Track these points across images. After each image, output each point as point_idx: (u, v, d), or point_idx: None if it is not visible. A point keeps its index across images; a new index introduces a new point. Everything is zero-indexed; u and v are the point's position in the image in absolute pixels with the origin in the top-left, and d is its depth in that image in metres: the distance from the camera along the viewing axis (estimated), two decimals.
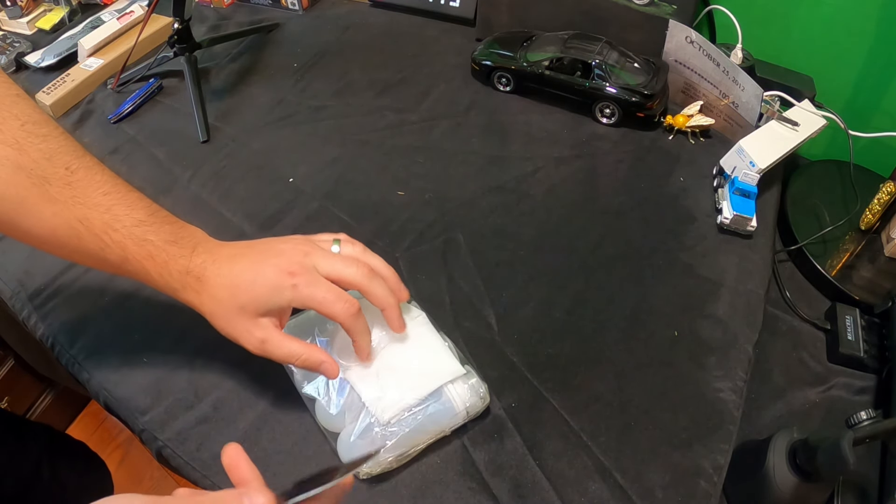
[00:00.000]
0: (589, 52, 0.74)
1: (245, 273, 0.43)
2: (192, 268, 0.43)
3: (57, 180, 0.39)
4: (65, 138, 0.41)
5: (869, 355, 0.58)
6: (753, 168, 0.64)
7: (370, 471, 0.45)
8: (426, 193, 0.69)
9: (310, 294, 0.42)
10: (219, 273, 0.43)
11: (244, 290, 0.42)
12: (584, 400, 0.52)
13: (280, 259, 0.43)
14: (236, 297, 0.42)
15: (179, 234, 0.43)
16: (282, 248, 0.44)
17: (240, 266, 0.43)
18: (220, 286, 0.43)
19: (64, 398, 1.26)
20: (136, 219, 0.42)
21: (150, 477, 1.25)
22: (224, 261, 0.43)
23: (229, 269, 0.43)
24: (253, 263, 0.43)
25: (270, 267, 0.43)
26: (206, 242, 0.45)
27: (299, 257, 0.43)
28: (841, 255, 0.67)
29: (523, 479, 0.47)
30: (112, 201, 0.41)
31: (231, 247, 0.45)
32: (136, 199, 0.43)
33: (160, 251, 0.42)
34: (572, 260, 0.62)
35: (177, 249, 0.43)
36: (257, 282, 0.42)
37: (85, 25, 0.95)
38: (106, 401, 0.54)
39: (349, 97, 0.82)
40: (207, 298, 0.43)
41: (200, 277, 0.43)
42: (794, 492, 0.43)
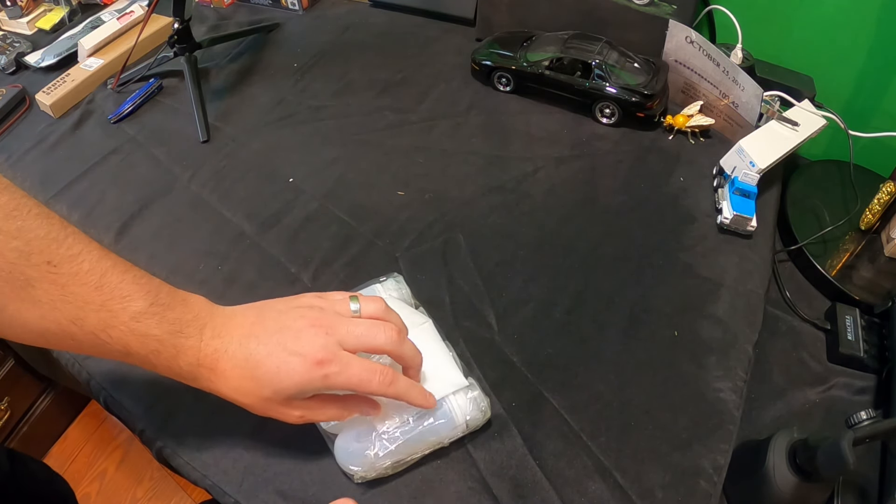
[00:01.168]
0: (589, 52, 0.74)
1: (265, 363, 0.39)
2: (202, 359, 0.39)
3: (39, 280, 0.34)
4: (40, 223, 0.35)
5: (869, 355, 0.58)
6: (753, 168, 0.64)
7: (365, 475, 0.45)
8: (426, 193, 0.69)
9: (344, 381, 0.39)
10: (234, 364, 0.39)
11: (268, 383, 0.39)
12: (584, 400, 0.52)
13: (301, 345, 0.39)
14: (261, 390, 0.39)
15: (183, 318, 0.39)
16: (299, 328, 0.39)
17: (256, 354, 0.39)
18: (239, 377, 0.39)
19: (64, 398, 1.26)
20: (134, 312, 0.37)
21: (150, 477, 1.25)
22: (237, 346, 0.39)
23: (245, 357, 0.39)
24: (270, 351, 0.39)
25: (294, 357, 0.38)
26: (213, 321, 0.40)
27: (322, 339, 0.39)
28: (841, 255, 0.67)
29: (523, 479, 0.47)
30: (105, 296, 0.36)
31: (241, 322, 0.41)
32: (132, 287, 0.37)
33: (165, 346, 0.38)
34: (572, 260, 0.62)
35: (183, 340, 0.38)
36: (281, 375, 0.38)
37: (85, 25, 0.95)
38: (106, 401, 0.54)
39: (349, 97, 0.82)
40: (227, 389, 0.40)
41: (214, 369, 0.39)
42: (794, 492, 0.43)
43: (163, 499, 1.22)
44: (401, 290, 0.55)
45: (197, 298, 0.41)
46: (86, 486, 1.24)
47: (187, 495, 1.22)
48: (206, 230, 0.66)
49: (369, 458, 0.44)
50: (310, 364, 0.38)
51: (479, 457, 0.48)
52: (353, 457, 0.45)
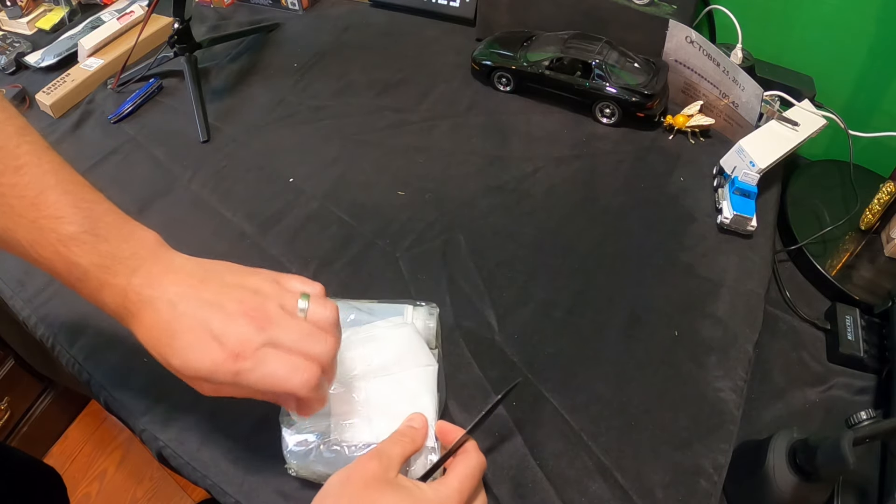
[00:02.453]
0: (589, 52, 0.74)
1: (182, 335, 0.35)
2: (127, 302, 0.36)
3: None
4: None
5: (869, 355, 0.58)
6: (753, 168, 0.64)
7: (298, 471, 0.44)
8: (426, 193, 0.69)
9: (256, 380, 0.35)
10: (155, 321, 0.36)
11: (178, 356, 0.35)
12: (584, 400, 0.52)
13: (225, 331, 0.35)
14: (170, 358, 0.36)
15: (116, 254, 0.36)
16: (232, 312, 0.36)
17: (179, 322, 0.35)
18: (156, 337, 0.36)
19: (64, 398, 1.26)
20: (63, 235, 0.34)
21: (150, 477, 1.25)
22: (165, 304, 0.36)
23: (168, 319, 0.35)
24: (193, 325, 0.35)
25: (212, 342, 0.35)
26: (150, 266, 0.36)
27: (249, 332, 0.35)
28: (841, 255, 0.67)
29: (523, 479, 0.47)
30: (39, 213, 0.34)
31: (180, 279, 0.37)
32: (69, 209, 0.35)
33: (89, 278, 0.35)
34: (572, 260, 0.62)
35: (109, 277, 0.35)
36: (194, 353, 0.35)
37: (85, 25, 0.95)
38: (106, 401, 0.54)
39: (349, 97, 0.82)
40: (143, 339, 0.37)
41: (136, 315, 0.36)
42: (794, 492, 0.43)
43: (163, 499, 1.22)
44: (428, 324, 0.51)
45: (144, 235, 0.38)
46: (86, 486, 1.24)
47: (187, 495, 1.22)
48: (206, 230, 0.66)
49: (307, 460, 0.43)
50: (225, 354, 0.35)
51: None
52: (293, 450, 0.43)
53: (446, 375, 0.53)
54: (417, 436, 0.42)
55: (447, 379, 0.53)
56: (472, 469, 0.40)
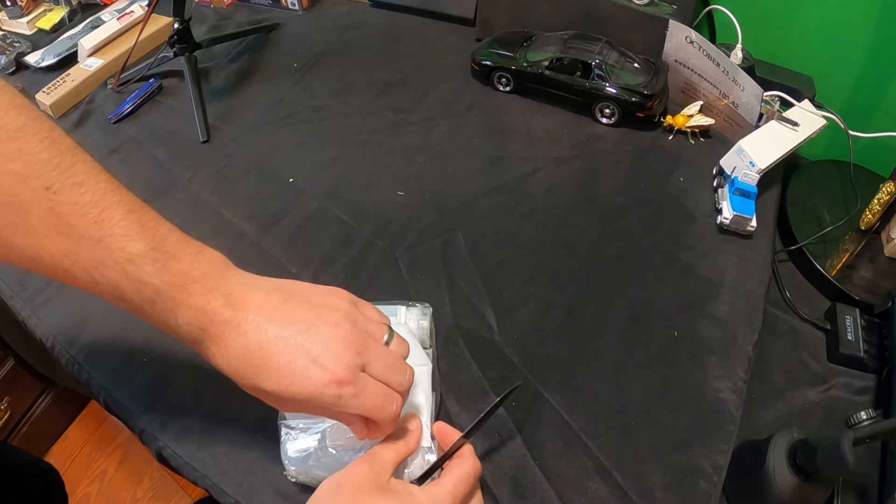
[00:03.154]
0: (589, 52, 0.74)
1: (279, 359, 0.34)
2: (206, 324, 0.35)
3: (35, 206, 0.32)
4: (44, 147, 0.32)
5: (869, 355, 0.58)
6: (753, 168, 0.64)
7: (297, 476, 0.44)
8: (426, 193, 0.69)
9: (357, 405, 0.36)
10: (243, 344, 0.35)
11: (275, 380, 0.35)
12: (584, 400, 0.52)
13: (327, 357, 0.35)
14: (263, 382, 0.35)
15: (190, 273, 0.35)
16: (329, 337, 0.35)
17: (273, 345, 0.35)
18: (244, 361, 0.35)
19: (64, 398, 1.26)
20: (131, 253, 0.33)
21: (150, 477, 1.25)
22: (253, 327, 0.35)
23: (259, 343, 0.34)
24: (290, 349, 0.35)
25: (314, 367, 0.34)
26: (226, 285, 0.36)
27: (349, 357, 0.35)
28: (841, 255, 0.67)
29: (523, 479, 0.47)
30: (103, 232, 0.33)
31: (262, 300, 0.36)
32: (135, 227, 0.34)
33: (162, 298, 0.34)
34: (572, 260, 0.62)
35: (184, 297, 0.34)
36: (294, 378, 0.34)
37: (85, 25, 0.95)
38: (106, 401, 0.54)
39: (349, 97, 0.82)
40: (224, 364, 0.36)
41: (218, 340, 0.35)
42: (794, 492, 0.43)
43: (163, 499, 1.22)
44: (421, 323, 0.51)
45: (213, 255, 0.37)
46: (86, 486, 1.24)
47: (187, 495, 1.22)
48: (206, 230, 0.66)
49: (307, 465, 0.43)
50: (328, 380, 0.35)
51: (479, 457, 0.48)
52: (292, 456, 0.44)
53: (445, 375, 0.53)
54: (411, 438, 0.42)
55: (446, 379, 0.53)
56: (467, 473, 0.40)
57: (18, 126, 0.32)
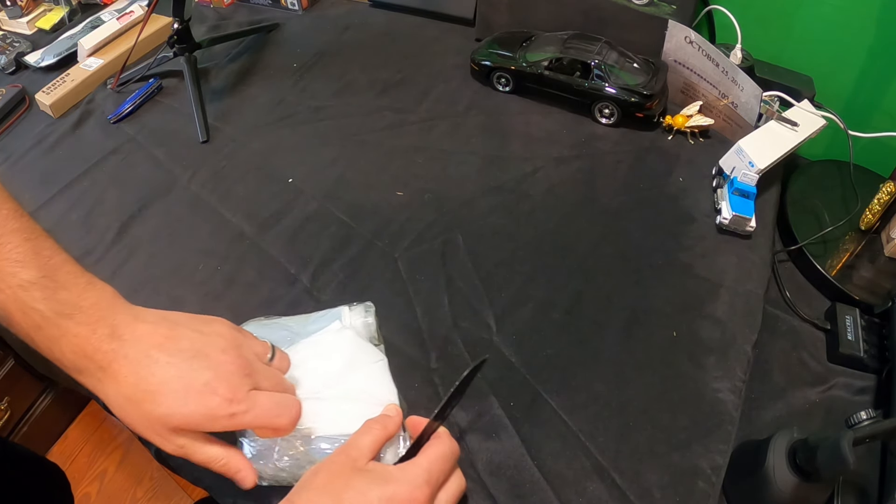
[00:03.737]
0: (588, 52, 0.74)
1: (170, 384, 0.36)
2: (92, 353, 0.36)
3: None
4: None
5: (869, 355, 0.57)
6: (753, 168, 0.64)
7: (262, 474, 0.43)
8: (426, 193, 0.69)
9: (251, 420, 0.38)
10: (132, 371, 0.36)
11: (167, 405, 0.36)
12: (583, 400, 0.52)
13: (217, 379, 0.37)
14: (155, 408, 0.36)
15: (77, 303, 0.36)
16: (219, 362, 0.38)
17: (164, 372, 0.36)
18: (134, 388, 0.36)
19: (64, 398, 1.26)
20: (23, 280, 0.35)
21: (150, 477, 1.25)
22: (142, 356, 0.36)
23: (148, 370, 0.36)
24: (181, 374, 0.36)
25: (205, 389, 0.36)
26: (113, 317, 0.37)
27: (240, 380, 0.38)
28: (841, 255, 0.66)
29: (521, 479, 0.47)
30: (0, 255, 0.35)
31: (149, 331, 0.38)
32: (29, 256, 0.35)
33: (49, 324, 0.35)
34: (572, 260, 0.62)
35: (70, 326, 0.35)
36: (188, 401, 0.36)
37: (85, 25, 0.95)
38: None
39: (349, 97, 0.82)
40: (114, 394, 0.37)
41: (106, 369, 0.36)
42: (794, 492, 0.43)
43: (163, 499, 1.22)
44: (367, 321, 0.52)
45: (103, 287, 0.38)
46: (86, 486, 1.24)
47: (187, 495, 1.22)
48: (205, 230, 0.66)
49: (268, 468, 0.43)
50: (220, 400, 0.36)
51: (477, 457, 0.48)
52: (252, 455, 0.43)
53: (444, 376, 0.53)
54: (390, 423, 0.42)
55: (444, 379, 0.53)
56: (443, 452, 0.40)
57: None
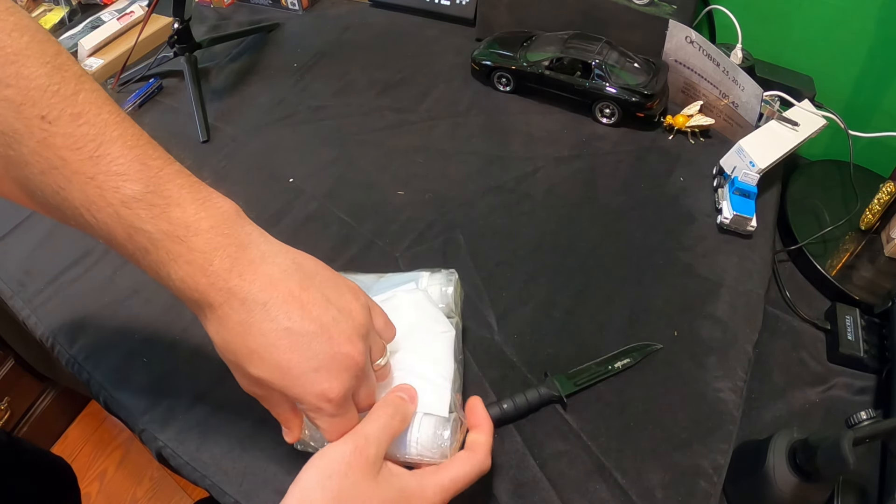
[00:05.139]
0: (589, 52, 0.74)
1: (277, 351, 0.32)
2: (204, 288, 0.31)
3: (29, 137, 0.28)
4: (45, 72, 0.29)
5: (869, 355, 0.58)
6: (753, 168, 0.64)
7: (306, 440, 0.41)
8: (426, 193, 0.69)
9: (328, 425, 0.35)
10: (244, 321, 0.32)
11: (263, 367, 0.32)
12: (584, 400, 0.52)
13: (326, 371, 0.33)
14: (251, 366, 0.33)
15: (193, 224, 0.31)
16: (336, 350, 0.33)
17: (275, 337, 0.32)
18: (240, 339, 0.32)
19: (64, 398, 1.26)
20: (126, 195, 0.30)
21: (150, 477, 1.25)
22: (258, 306, 0.32)
23: (260, 327, 0.32)
24: (294, 347, 0.32)
25: (314, 373, 0.33)
26: (237, 249, 0.32)
27: (349, 380, 0.34)
28: (841, 255, 0.66)
29: (523, 479, 0.47)
30: (99, 168, 0.29)
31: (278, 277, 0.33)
32: (135, 165, 0.30)
33: (158, 248, 0.31)
34: (572, 260, 0.62)
35: (184, 251, 0.31)
36: (283, 374, 0.32)
37: (85, 25, 0.95)
38: (106, 401, 0.54)
39: (349, 97, 0.82)
40: (215, 333, 0.33)
41: (216, 308, 0.32)
42: (794, 492, 0.43)
43: (163, 499, 1.22)
44: (445, 290, 0.49)
45: (222, 204, 0.33)
46: (86, 486, 1.24)
47: (187, 495, 1.22)
48: None
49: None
50: (320, 392, 0.33)
51: None
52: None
53: None
54: (402, 408, 0.38)
55: None
56: (469, 473, 0.37)
57: (19, 48, 0.28)
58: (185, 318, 0.57)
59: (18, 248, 0.64)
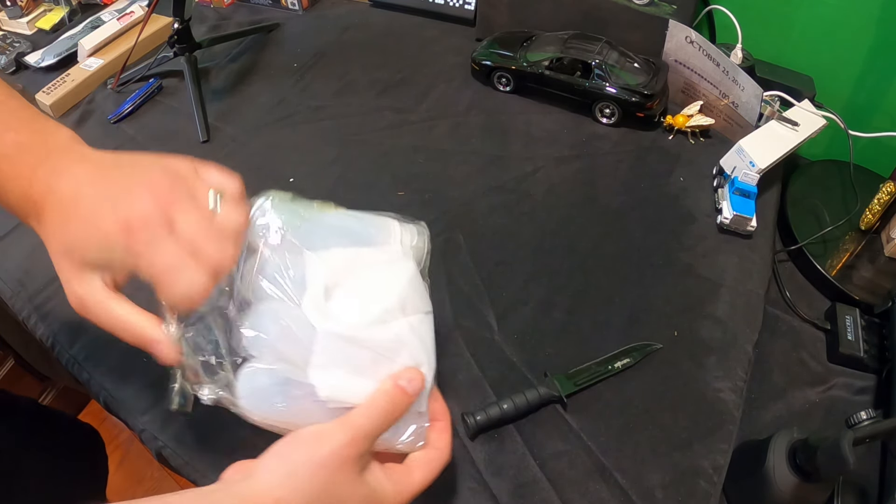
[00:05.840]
0: (589, 52, 0.74)
1: (82, 208, 0.33)
2: (30, 193, 0.34)
3: None
4: None
5: (869, 355, 0.58)
6: (753, 168, 0.64)
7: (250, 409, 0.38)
8: (426, 193, 0.69)
9: (147, 262, 0.33)
10: (59, 201, 0.34)
11: (74, 231, 0.33)
12: (584, 400, 0.52)
13: (128, 203, 0.33)
14: (65, 236, 0.34)
15: (25, 144, 0.34)
16: (137, 184, 0.34)
17: (82, 198, 0.34)
18: (55, 218, 0.34)
19: (64, 398, 1.26)
20: None
21: (150, 477, 1.25)
22: (70, 184, 0.34)
23: (71, 197, 0.34)
24: (96, 199, 0.33)
25: (109, 212, 0.33)
26: (60, 159, 0.35)
27: (149, 207, 0.33)
28: (841, 255, 0.67)
29: (523, 479, 0.47)
30: None
31: (91, 163, 0.35)
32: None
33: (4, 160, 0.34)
34: (572, 260, 0.62)
35: (14, 168, 0.34)
36: (89, 226, 0.33)
37: (85, 25, 0.95)
38: (106, 401, 0.54)
39: (349, 97, 0.82)
40: (43, 230, 0.34)
41: (38, 202, 0.34)
42: (794, 492, 0.43)
43: None
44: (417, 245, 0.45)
45: (57, 130, 0.36)
46: None
47: None
48: None
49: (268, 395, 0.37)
50: (120, 224, 0.32)
51: (479, 457, 0.48)
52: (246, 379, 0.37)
53: (445, 375, 0.53)
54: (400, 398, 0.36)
55: (445, 379, 0.53)
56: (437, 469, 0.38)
57: None
58: None
59: (18, 248, 0.64)
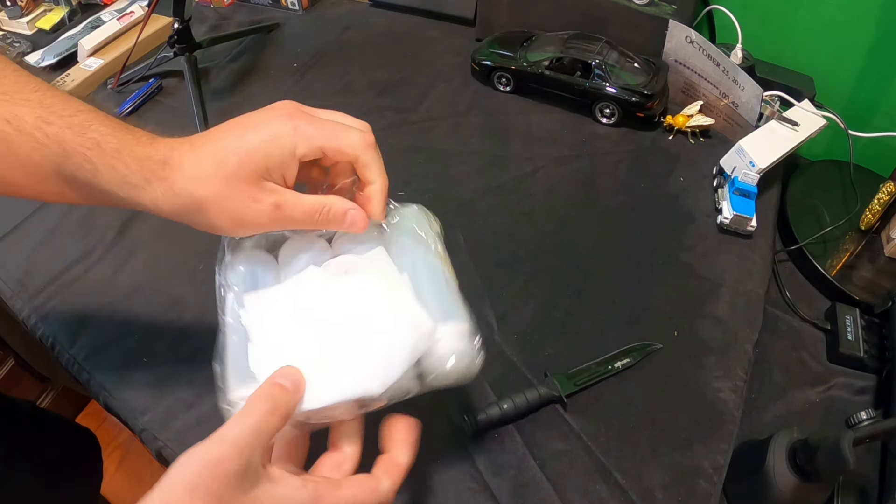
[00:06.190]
0: (589, 52, 0.74)
1: (229, 137, 0.36)
2: (153, 153, 0.35)
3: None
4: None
5: (869, 355, 0.58)
6: (753, 168, 0.64)
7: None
8: (426, 193, 0.69)
9: (317, 131, 0.37)
10: (193, 150, 0.36)
11: (234, 153, 0.35)
12: (584, 400, 0.52)
13: (270, 111, 0.38)
14: (226, 164, 0.35)
15: (130, 126, 0.37)
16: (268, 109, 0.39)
17: (220, 135, 0.36)
18: (200, 161, 0.35)
19: (64, 398, 1.26)
20: (74, 108, 0.35)
21: (150, 477, 1.25)
22: (196, 140, 0.36)
23: (210, 142, 0.36)
24: (236, 127, 0.37)
25: (261, 120, 0.37)
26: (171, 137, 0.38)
27: (293, 106, 0.39)
28: (841, 255, 0.66)
29: (523, 479, 0.47)
30: (46, 97, 0.34)
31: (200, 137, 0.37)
32: (74, 99, 0.36)
33: (109, 137, 0.35)
34: (572, 260, 0.62)
35: (131, 136, 0.35)
36: (248, 138, 0.36)
37: (85, 25, 0.95)
38: (106, 401, 0.54)
39: (349, 97, 0.82)
40: (183, 182, 0.35)
41: (168, 160, 0.35)
42: (794, 492, 0.43)
43: None
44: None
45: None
46: None
47: None
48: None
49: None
50: (278, 118, 0.37)
51: (479, 457, 0.48)
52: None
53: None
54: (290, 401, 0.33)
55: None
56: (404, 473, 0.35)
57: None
58: (185, 318, 0.57)
59: (18, 248, 0.64)
